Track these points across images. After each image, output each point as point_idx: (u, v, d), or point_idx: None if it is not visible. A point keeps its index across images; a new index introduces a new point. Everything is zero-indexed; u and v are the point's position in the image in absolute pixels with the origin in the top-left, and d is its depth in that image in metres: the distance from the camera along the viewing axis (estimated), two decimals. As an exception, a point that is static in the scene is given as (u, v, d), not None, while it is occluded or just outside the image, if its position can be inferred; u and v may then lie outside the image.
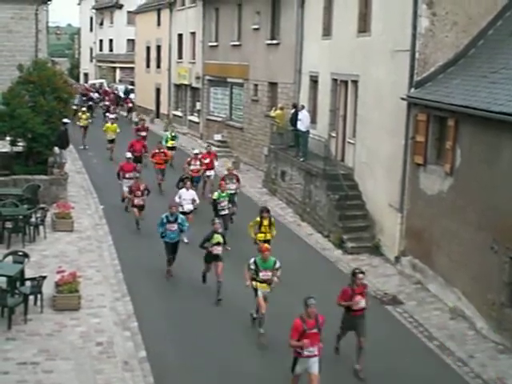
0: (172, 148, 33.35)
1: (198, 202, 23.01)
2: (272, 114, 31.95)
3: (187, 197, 22.61)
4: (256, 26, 35.78)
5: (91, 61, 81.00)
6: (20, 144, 28.17)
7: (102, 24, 77.66)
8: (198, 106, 45.59)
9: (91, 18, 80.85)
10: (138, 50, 60.63)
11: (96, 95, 59.39)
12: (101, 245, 22.23)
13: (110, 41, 75.61)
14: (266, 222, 19.81)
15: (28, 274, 17.35)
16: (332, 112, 27.55)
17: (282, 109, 31.08)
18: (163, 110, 52.77)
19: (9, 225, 21.62)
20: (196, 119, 46.06)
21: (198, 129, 45.26)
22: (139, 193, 23.74)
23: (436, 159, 19.66)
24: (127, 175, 25.80)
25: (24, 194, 24.19)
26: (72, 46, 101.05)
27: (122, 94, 60.28)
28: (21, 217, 21.71)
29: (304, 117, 27.19)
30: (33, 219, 22.19)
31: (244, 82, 38.06)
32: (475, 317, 17.15)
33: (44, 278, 16.83)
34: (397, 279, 20.56)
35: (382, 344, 15.58)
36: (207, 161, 28.24)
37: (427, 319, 17.58)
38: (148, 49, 56.77)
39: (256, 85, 36.50)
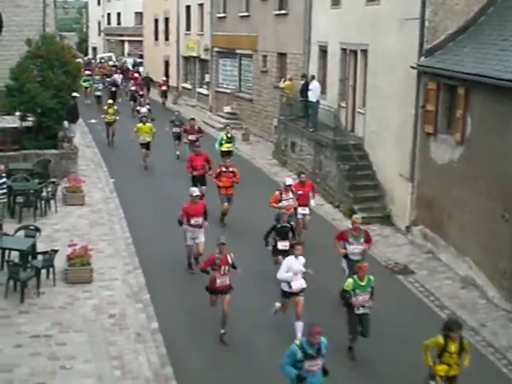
0: (227, 153, 26.68)
1: (312, 273, 14.74)
2: (281, 85, 31.86)
3: (297, 267, 14.35)
4: (264, -4, 35.59)
5: (99, 35, 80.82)
6: (30, 119, 28.18)
7: (109, -3, 77.41)
8: (207, 78, 45.46)
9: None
10: (146, 22, 60.42)
11: (120, 77, 49.09)
12: (112, 218, 22.29)
13: (118, 14, 75.36)
14: (453, 348, 11.52)
15: (40, 247, 17.47)
16: (341, 82, 27.41)
17: (291, 80, 30.99)
18: (172, 82, 52.61)
19: (20, 199, 21.71)
20: (205, 91, 45.95)
21: (207, 101, 45.15)
22: (226, 269, 14.53)
23: (446, 128, 19.56)
24: (193, 221, 17.62)
25: (34, 168, 24.26)
26: (80, 20, 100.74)
27: (130, 67, 59.83)
28: (32, 191, 21.77)
29: (315, 87, 27.09)
30: (44, 193, 22.25)
31: (253, 53, 37.90)
32: (486, 286, 17.16)
33: (56, 251, 16.90)
34: (408, 249, 20.56)
35: (394, 313, 15.62)
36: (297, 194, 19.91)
37: (438, 288, 17.59)
38: (156, 21, 56.55)
39: (265, 56, 36.34)
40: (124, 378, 12.82)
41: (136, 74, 49.33)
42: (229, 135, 27.29)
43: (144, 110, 34.75)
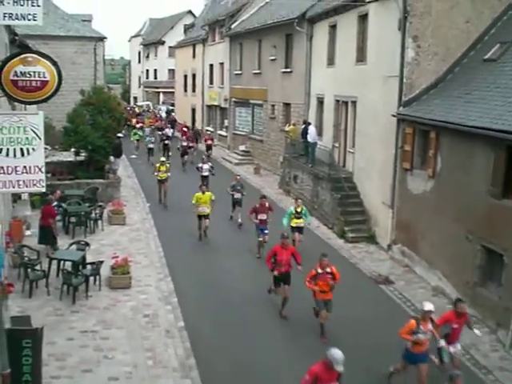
0: (298, 229, 19.95)
1: None
2: (286, 128, 31.94)
3: None
4: (273, 57, 35.75)
5: (139, 87, 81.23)
6: (82, 154, 28.41)
7: (148, 57, 77.92)
8: (226, 122, 45.61)
9: (139, 52, 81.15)
10: (177, 77, 60.78)
11: (171, 131, 42.10)
12: (147, 235, 22.28)
13: (155, 70, 75.82)
14: None
15: (89, 259, 17.51)
16: (335, 127, 27.45)
17: (294, 124, 31.06)
18: (198, 125, 52.86)
19: (73, 219, 21.80)
20: (224, 133, 46.10)
21: (226, 141, 45.27)
22: None
23: (421, 165, 19.54)
24: None
25: (85, 194, 24.41)
26: (124, 75, 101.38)
27: (164, 114, 59.80)
28: (83, 213, 21.87)
29: (311, 131, 27.17)
30: (92, 215, 22.35)
31: (263, 103, 38.03)
32: (453, 294, 17.01)
33: (102, 262, 16.96)
34: (389, 263, 20.46)
35: (378, 316, 15.54)
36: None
37: (414, 296, 17.47)
38: (185, 76, 56.88)
39: (273, 105, 36.47)
40: (155, 366, 12.77)
41: (185, 128, 44.16)
42: (299, 209, 20.06)
43: (206, 166, 28.04)
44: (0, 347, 8.96)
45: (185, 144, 36.95)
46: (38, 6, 9.04)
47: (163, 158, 28.35)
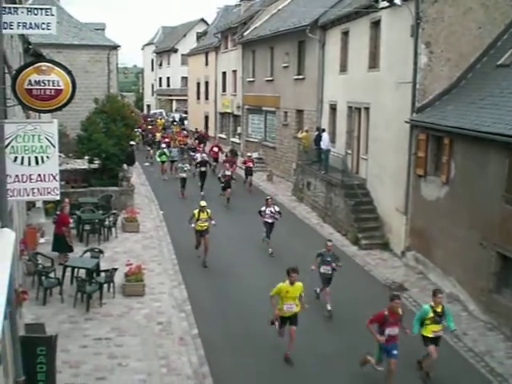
0: (435, 341, 12.90)
1: None
2: (299, 135, 31.92)
3: None
4: (285, 64, 35.79)
5: (152, 95, 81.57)
6: (96, 162, 28.53)
7: (161, 65, 78.27)
8: (239, 129, 45.69)
9: (152, 60, 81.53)
10: (190, 85, 60.99)
11: (203, 156, 31.17)
12: (161, 243, 22.33)
13: (168, 78, 76.12)
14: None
15: (103, 266, 17.57)
16: (348, 133, 27.44)
17: (307, 131, 31.06)
18: (211, 133, 53.01)
19: (87, 227, 21.89)
20: (237, 140, 46.18)
21: (239, 148, 45.25)
22: None
23: (434, 171, 19.48)
24: None
25: (99, 202, 24.50)
26: (137, 83, 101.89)
27: (177, 120, 59.80)
28: (97, 220, 21.97)
29: (324, 138, 27.17)
30: (106, 222, 22.42)
31: (276, 110, 38.07)
32: (468, 301, 16.95)
33: (115, 269, 17.02)
34: (403, 270, 20.38)
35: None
36: None
37: (428, 303, 17.32)
38: (198, 84, 57.07)
39: (286, 112, 36.50)
40: (169, 374, 12.79)
41: (216, 148, 36.55)
42: (438, 309, 12.94)
43: (271, 210, 21.19)
44: (14, 354, 9.01)
45: (228, 174, 28.46)
46: (52, 15, 9.14)
47: (203, 203, 20.21)
